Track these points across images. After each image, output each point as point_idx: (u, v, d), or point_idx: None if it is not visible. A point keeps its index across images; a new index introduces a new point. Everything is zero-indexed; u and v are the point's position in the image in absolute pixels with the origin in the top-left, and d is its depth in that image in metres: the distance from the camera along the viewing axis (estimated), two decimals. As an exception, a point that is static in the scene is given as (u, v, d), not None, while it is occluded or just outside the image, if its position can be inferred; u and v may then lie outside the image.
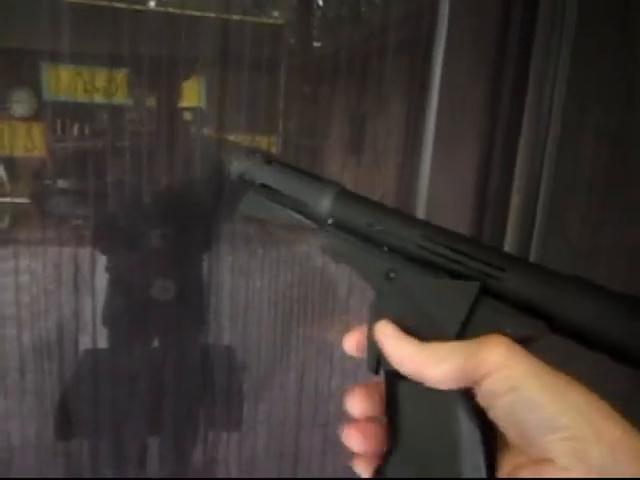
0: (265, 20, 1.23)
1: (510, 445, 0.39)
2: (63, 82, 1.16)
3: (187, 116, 1.32)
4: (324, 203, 0.51)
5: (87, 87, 1.17)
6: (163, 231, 1.33)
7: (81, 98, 1.19)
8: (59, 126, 1.21)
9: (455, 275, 0.45)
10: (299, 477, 1.51)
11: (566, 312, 0.41)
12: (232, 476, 1.50)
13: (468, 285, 0.44)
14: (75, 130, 1.23)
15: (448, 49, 1.05)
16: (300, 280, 1.52)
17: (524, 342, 0.41)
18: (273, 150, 1.37)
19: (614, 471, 0.34)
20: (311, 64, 1.26)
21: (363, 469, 0.46)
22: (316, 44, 1.25)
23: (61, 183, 1.25)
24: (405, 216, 0.49)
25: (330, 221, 0.51)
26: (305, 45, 1.26)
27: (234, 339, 1.49)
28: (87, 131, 1.23)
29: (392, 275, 0.47)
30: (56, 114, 1.22)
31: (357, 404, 0.47)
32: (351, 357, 0.49)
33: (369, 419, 0.47)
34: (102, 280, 1.38)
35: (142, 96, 1.23)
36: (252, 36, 1.19)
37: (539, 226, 1.03)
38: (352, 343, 0.49)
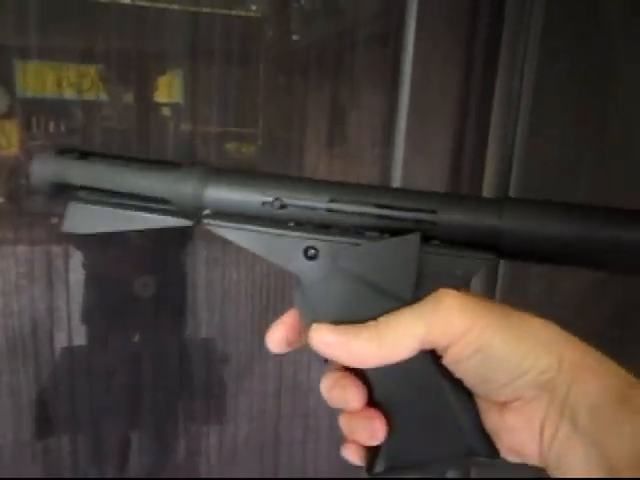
0: (242, 13, 1.22)
1: (473, 393, 0.40)
2: (36, 79, 1.14)
3: (165, 112, 1.30)
4: (191, 192, 0.42)
5: (61, 83, 1.15)
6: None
7: (55, 95, 1.17)
8: (34, 123, 1.19)
9: (385, 232, 0.40)
10: (280, 467, 1.53)
11: (509, 234, 0.39)
12: (213, 466, 1.51)
13: (407, 240, 0.39)
14: (51, 127, 1.21)
15: (419, 35, 1.06)
16: (276, 270, 1.52)
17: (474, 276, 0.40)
18: (253, 143, 1.36)
19: (576, 391, 0.36)
20: (289, 57, 1.26)
21: (353, 454, 0.43)
22: (294, 37, 1.24)
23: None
24: (304, 180, 0.43)
25: (207, 212, 0.43)
26: (283, 38, 1.25)
27: (212, 332, 1.50)
28: (63, 128, 1.21)
29: (312, 253, 0.41)
30: (30, 111, 1.19)
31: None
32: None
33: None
34: (77, 276, 1.37)
35: (117, 92, 1.21)
36: (229, 29, 1.18)
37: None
38: (279, 339, 0.44)
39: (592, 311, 0.93)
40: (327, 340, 0.40)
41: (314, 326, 0.40)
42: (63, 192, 0.45)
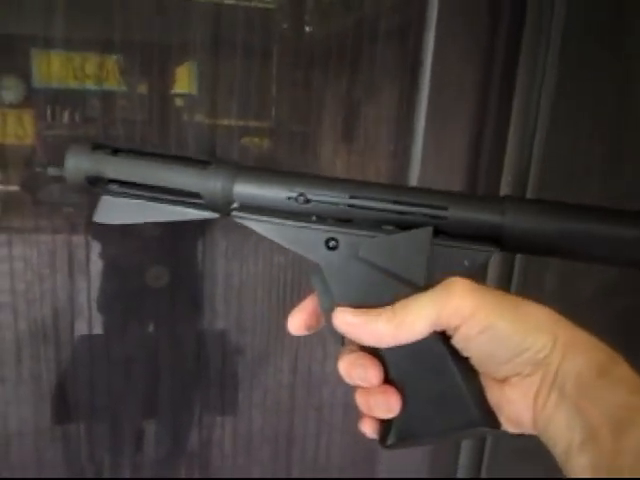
0: (257, 4, 1.21)
1: (478, 370, 0.45)
2: (53, 68, 1.15)
3: (179, 102, 1.30)
4: (222, 187, 0.46)
5: (77, 74, 1.16)
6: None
7: (72, 85, 1.17)
8: (50, 113, 1.20)
9: (400, 226, 0.44)
10: (293, 459, 1.53)
11: (510, 230, 0.44)
12: (226, 456, 1.52)
13: (421, 232, 0.43)
14: (66, 117, 1.21)
15: (439, 31, 1.04)
16: (294, 264, 1.52)
17: (480, 267, 0.45)
18: (268, 136, 1.36)
19: (566, 365, 0.41)
20: (304, 49, 1.25)
21: (369, 428, 0.47)
22: (309, 29, 1.23)
23: (52, 171, 1.24)
24: (325, 179, 0.46)
25: (235, 205, 0.47)
26: (298, 30, 1.24)
27: (228, 324, 1.50)
28: (78, 118, 1.22)
29: (333, 244, 0.45)
30: (46, 101, 1.20)
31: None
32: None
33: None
34: (97, 266, 1.38)
35: (134, 82, 1.22)
36: (244, 21, 1.17)
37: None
38: (299, 324, 0.49)
39: (605, 307, 0.92)
40: (350, 321, 0.44)
41: (338, 309, 0.45)
42: (95, 185, 0.49)
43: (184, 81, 1.25)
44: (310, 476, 1.54)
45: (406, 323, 0.42)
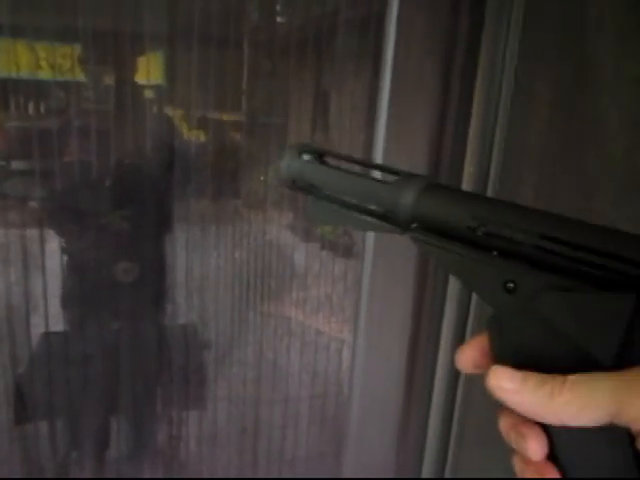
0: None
1: None
2: (14, 58, 1.11)
3: (147, 94, 1.28)
4: (404, 204, 0.41)
5: (40, 63, 1.12)
6: (121, 212, 1.30)
7: (34, 75, 1.14)
8: (12, 104, 1.16)
9: (598, 284, 0.34)
10: (259, 452, 1.53)
11: None
12: (192, 451, 1.51)
13: (622, 298, 0.33)
14: (30, 109, 1.18)
15: (400, 19, 1.05)
16: (257, 256, 1.52)
17: None
18: (237, 127, 1.35)
19: None
20: (275, 40, 1.24)
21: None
22: (280, 19, 1.22)
23: (16, 164, 1.20)
24: (515, 208, 0.38)
25: (414, 225, 0.41)
26: (269, 20, 1.23)
27: (191, 317, 1.49)
28: (42, 110, 1.18)
29: (511, 286, 0.37)
30: (8, 91, 1.16)
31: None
32: (309, 333, 0.47)
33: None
34: (53, 261, 1.35)
35: (96, 73, 1.19)
36: (214, 10, 1.16)
37: (491, 195, 1.05)
38: (467, 361, 0.42)
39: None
40: (504, 386, 0.36)
41: (493, 368, 0.37)
42: (302, 188, 0.49)
43: (152, 72, 1.23)
44: (276, 469, 1.54)
45: (574, 405, 0.33)
